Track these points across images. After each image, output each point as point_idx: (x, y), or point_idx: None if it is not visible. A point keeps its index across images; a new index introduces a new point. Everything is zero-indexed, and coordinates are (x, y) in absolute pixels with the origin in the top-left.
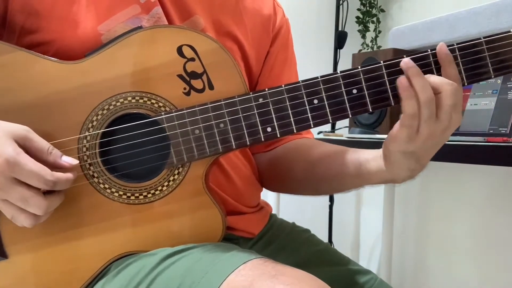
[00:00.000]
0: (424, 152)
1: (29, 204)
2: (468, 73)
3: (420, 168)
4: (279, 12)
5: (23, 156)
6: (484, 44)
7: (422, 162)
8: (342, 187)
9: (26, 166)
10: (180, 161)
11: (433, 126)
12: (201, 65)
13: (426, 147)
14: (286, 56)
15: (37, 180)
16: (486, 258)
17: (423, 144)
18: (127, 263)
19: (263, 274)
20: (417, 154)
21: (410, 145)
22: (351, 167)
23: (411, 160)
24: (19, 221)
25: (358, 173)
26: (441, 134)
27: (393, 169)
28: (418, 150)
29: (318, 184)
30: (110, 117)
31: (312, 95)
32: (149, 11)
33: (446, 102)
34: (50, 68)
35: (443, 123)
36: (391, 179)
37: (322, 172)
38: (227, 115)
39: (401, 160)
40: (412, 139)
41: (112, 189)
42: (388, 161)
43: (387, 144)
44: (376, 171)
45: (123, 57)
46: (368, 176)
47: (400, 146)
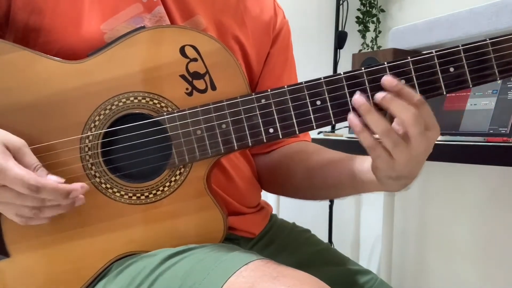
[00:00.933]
0: (409, 171)
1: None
2: (473, 75)
3: (411, 180)
4: (279, 14)
5: (10, 162)
6: (490, 45)
7: (411, 176)
8: (338, 195)
9: (11, 172)
10: (181, 162)
11: (407, 151)
12: (204, 66)
13: (409, 167)
14: (287, 58)
15: (21, 185)
16: (486, 258)
17: (405, 167)
18: (128, 263)
19: (265, 276)
20: (404, 175)
21: (392, 171)
22: (346, 177)
23: (400, 180)
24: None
25: (353, 184)
26: (421, 154)
27: (385, 186)
28: (402, 172)
29: (315, 191)
30: (113, 117)
31: (315, 96)
32: (151, 10)
33: (411, 130)
34: (52, 68)
35: (418, 146)
36: (385, 190)
37: (319, 181)
38: (229, 115)
39: (391, 182)
40: (391, 167)
41: (113, 189)
42: (380, 181)
43: (373, 170)
44: (369, 182)
45: (125, 57)
46: (362, 186)
47: (383, 173)
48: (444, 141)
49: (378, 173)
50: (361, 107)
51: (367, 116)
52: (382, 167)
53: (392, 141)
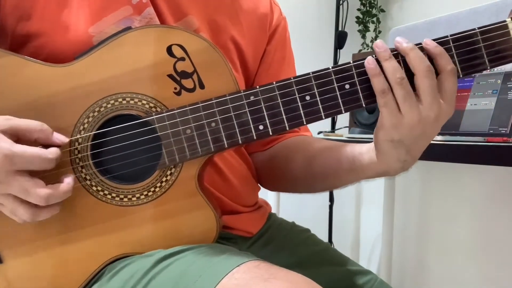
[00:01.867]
0: (412, 142)
1: (31, 194)
2: (463, 65)
3: (411, 159)
4: (275, 10)
5: (18, 146)
6: (479, 34)
7: (412, 154)
8: (338, 182)
9: (25, 154)
10: (172, 162)
11: (417, 110)
12: (192, 65)
13: (413, 135)
14: (284, 55)
15: (39, 161)
16: (486, 258)
17: (410, 131)
18: (121, 266)
19: (256, 278)
20: (405, 143)
21: (396, 132)
22: (345, 161)
23: (400, 149)
24: (19, 214)
25: (352, 167)
26: (430, 123)
27: (384, 160)
28: (405, 138)
29: (314, 180)
30: (102, 119)
31: (304, 91)
32: (141, 12)
33: (421, 83)
34: (39, 72)
35: (428, 108)
36: (383, 171)
37: (318, 168)
38: (218, 114)
39: (391, 149)
40: (396, 124)
41: (104, 191)
42: (379, 151)
43: (375, 133)
44: (368, 163)
45: (112, 58)
46: (362, 169)
47: (386, 133)
48: (444, 141)
49: (381, 133)
50: (381, 53)
51: (385, 62)
52: (387, 123)
53: (404, 91)
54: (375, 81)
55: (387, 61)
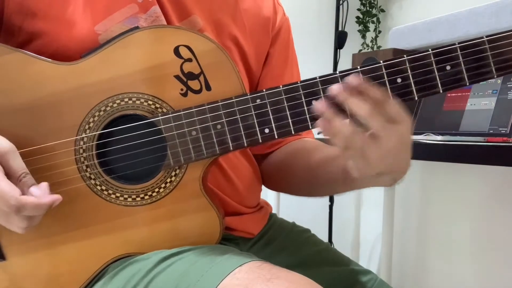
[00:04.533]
0: (390, 167)
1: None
2: (470, 73)
3: (399, 172)
4: (279, 12)
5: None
6: (486, 43)
7: (398, 169)
8: (333, 192)
9: None
10: (177, 163)
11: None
12: (198, 66)
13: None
14: (287, 56)
15: (1, 201)
16: (486, 258)
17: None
18: (124, 265)
19: (258, 278)
20: (384, 171)
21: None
22: (339, 176)
23: (383, 177)
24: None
25: (345, 182)
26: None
27: (373, 183)
28: (381, 169)
29: (315, 188)
30: (107, 118)
31: (311, 95)
32: (146, 10)
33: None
34: (46, 69)
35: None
36: (375, 185)
37: (317, 178)
38: (224, 116)
39: (374, 179)
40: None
41: (109, 191)
42: (367, 184)
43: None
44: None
45: (119, 58)
46: (353, 183)
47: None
48: (444, 141)
49: (358, 174)
50: (324, 114)
51: (332, 121)
52: (358, 167)
53: (360, 141)
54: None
55: (333, 118)
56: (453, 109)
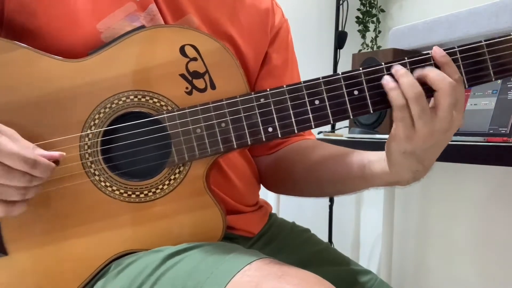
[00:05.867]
0: (424, 153)
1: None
2: (469, 76)
3: (423, 170)
4: (277, 12)
5: (4, 138)
6: (485, 47)
7: (424, 164)
8: (346, 189)
9: (6, 147)
10: (181, 160)
11: (430, 124)
12: (203, 65)
13: (426, 146)
14: (287, 58)
15: (17, 158)
16: (486, 258)
17: (423, 143)
18: (128, 262)
19: (269, 275)
20: (417, 154)
21: (409, 144)
22: (355, 169)
23: (412, 160)
24: None
25: (363, 175)
26: (442, 134)
27: (396, 170)
28: (417, 150)
29: (321, 186)
30: (112, 115)
31: (314, 95)
32: (144, 8)
33: (443, 100)
34: (52, 66)
35: (442, 122)
36: (395, 181)
37: (325, 174)
38: (228, 114)
39: (402, 160)
40: (410, 137)
41: (113, 187)
42: (391, 162)
43: (388, 144)
44: (380, 173)
45: (125, 56)
46: (372, 178)
47: (399, 145)
48: None
49: (394, 144)
50: (398, 71)
51: (403, 78)
52: (400, 135)
53: (421, 108)
54: (392, 95)
55: (403, 76)
56: None
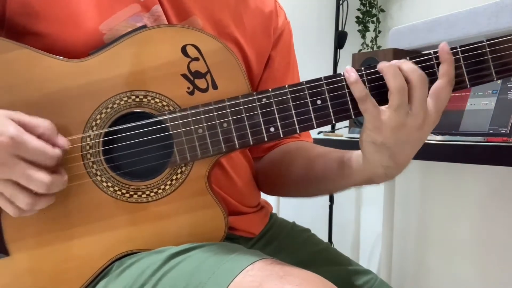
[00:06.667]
0: (396, 147)
1: (32, 180)
2: (471, 76)
3: (395, 166)
4: (281, 15)
5: (27, 135)
6: (487, 47)
7: (396, 160)
8: (331, 187)
9: (31, 144)
10: (183, 160)
11: (402, 117)
12: (205, 65)
13: (397, 140)
14: (289, 60)
15: (42, 156)
16: (486, 258)
17: (393, 135)
18: (130, 262)
19: (271, 275)
20: (388, 147)
21: (378, 134)
22: (336, 168)
23: (383, 154)
24: (18, 201)
25: (342, 173)
26: (415, 130)
27: (368, 163)
28: (388, 142)
29: (309, 185)
30: (114, 115)
31: (316, 95)
32: (149, 9)
33: (414, 92)
34: (54, 66)
35: (415, 116)
36: (368, 177)
37: (313, 173)
38: (230, 114)
39: (374, 153)
40: (377, 127)
41: (114, 188)
42: (364, 154)
43: (360, 135)
44: (355, 168)
45: (127, 56)
46: (350, 174)
47: (368, 135)
48: (444, 141)
49: (364, 135)
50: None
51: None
52: (368, 126)
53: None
54: (355, 87)
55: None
56: (453, 109)
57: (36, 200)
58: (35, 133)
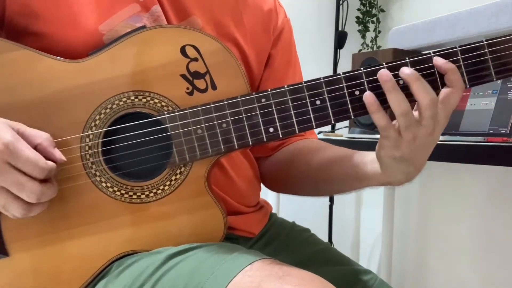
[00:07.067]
0: (413, 155)
1: (24, 189)
2: (470, 76)
3: (414, 170)
4: (280, 13)
5: (22, 143)
6: (486, 47)
7: (415, 165)
8: (342, 189)
9: (24, 153)
10: (182, 161)
11: (415, 131)
12: (204, 65)
13: (413, 150)
14: (289, 59)
15: (32, 167)
16: (486, 258)
17: (409, 147)
18: (130, 262)
19: (271, 275)
20: (406, 158)
21: (397, 150)
22: (350, 171)
23: (402, 164)
24: (11, 210)
25: (357, 176)
26: (428, 137)
27: (388, 172)
28: (406, 154)
29: (317, 186)
30: (113, 116)
31: (315, 96)
32: (148, 9)
33: (424, 112)
34: (53, 67)
35: (426, 128)
36: (388, 181)
37: (322, 175)
38: (229, 115)
39: (393, 164)
40: (396, 145)
41: (114, 188)
42: (382, 165)
43: (377, 151)
44: (373, 174)
45: (126, 56)
46: (367, 179)
47: (387, 152)
48: (444, 141)
49: (383, 152)
50: (386, 83)
51: (391, 93)
52: (387, 145)
53: (408, 122)
54: (376, 117)
55: (391, 93)
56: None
57: (29, 208)
58: (32, 143)
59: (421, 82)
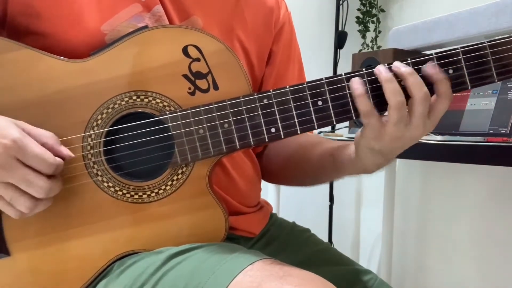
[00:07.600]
0: (390, 152)
1: (32, 185)
2: (472, 77)
3: (385, 162)
4: (282, 7)
5: (30, 139)
6: (488, 48)
7: (388, 159)
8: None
9: (32, 149)
10: (184, 161)
11: (403, 130)
12: (206, 66)
13: (394, 147)
14: (289, 53)
15: (41, 162)
16: (486, 258)
17: (391, 144)
18: (131, 262)
19: (271, 275)
20: (383, 152)
21: (376, 143)
22: (327, 159)
23: (377, 156)
24: (18, 205)
25: (334, 165)
26: (411, 139)
27: (361, 162)
28: (384, 149)
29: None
30: (115, 116)
31: (317, 96)
32: (150, 9)
33: (417, 108)
34: (55, 66)
35: (414, 129)
36: (362, 170)
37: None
38: (231, 115)
39: (368, 155)
40: (377, 137)
41: (115, 188)
42: (358, 155)
43: (357, 139)
44: (347, 161)
45: (128, 56)
46: (342, 165)
47: (366, 142)
48: (444, 141)
49: (362, 141)
50: (382, 73)
51: (388, 82)
52: (368, 135)
53: (400, 116)
54: (360, 101)
55: (388, 82)
56: (453, 109)
57: (35, 203)
58: (38, 141)
59: (416, 77)
